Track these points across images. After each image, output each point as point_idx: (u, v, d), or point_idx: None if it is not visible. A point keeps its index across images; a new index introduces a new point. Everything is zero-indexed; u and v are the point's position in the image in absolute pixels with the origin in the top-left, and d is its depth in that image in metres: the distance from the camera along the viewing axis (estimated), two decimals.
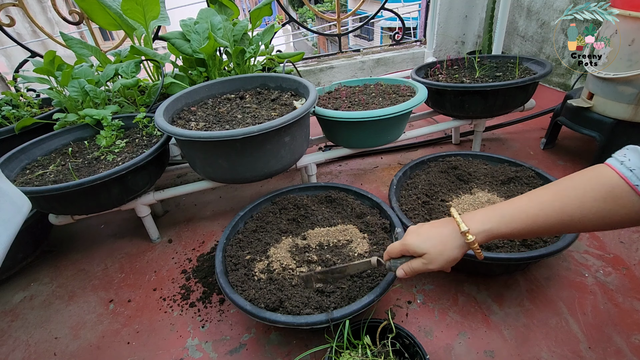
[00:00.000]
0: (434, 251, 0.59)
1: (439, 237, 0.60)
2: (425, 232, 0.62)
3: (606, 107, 1.15)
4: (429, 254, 0.59)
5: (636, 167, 0.48)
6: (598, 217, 0.50)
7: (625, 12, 1.00)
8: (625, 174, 0.49)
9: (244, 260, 0.87)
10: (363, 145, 1.26)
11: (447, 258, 0.59)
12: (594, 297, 0.83)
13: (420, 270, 0.61)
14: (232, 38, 1.32)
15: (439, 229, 0.61)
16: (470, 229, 0.57)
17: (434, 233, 0.61)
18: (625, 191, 0.48)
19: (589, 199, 0.51)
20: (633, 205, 0.48)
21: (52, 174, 1.00)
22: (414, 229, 0.64)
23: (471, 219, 0.58)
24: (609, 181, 0.50)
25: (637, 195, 0.48)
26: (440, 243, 0.59)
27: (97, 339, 0.88)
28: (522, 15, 2.06)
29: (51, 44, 1.68)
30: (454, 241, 0.59)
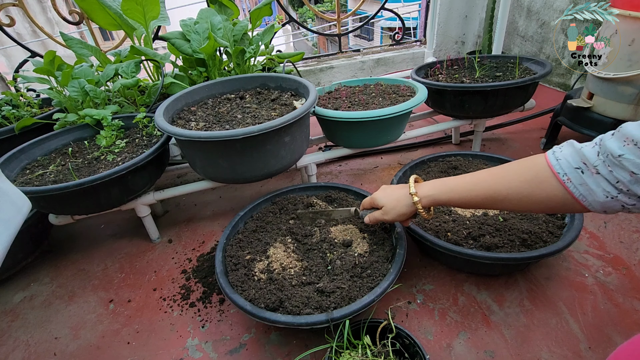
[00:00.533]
0: (389, 205, 0.76)
1: (395, 195, 0.76)
2: (389, 190, 0.78)
3: (606, 107, 1.15)
4: (386, 206, 0.76)
5: (563, 157, 0.54)
6: (522, 196, 0.58)
7: (625, 12, 1.00)
8: (552, 161, 0.55)
9: (244, 260, 0.87)
10: (363, 145, 1.26)
11: (398, 212, 0.74)
12: (594, 297, 0.83)
13: (378, 218, 0.78)
14: (232, 38, 1.32)
15: (397, 190, 0.76)
16: (418, 192, 0.72)
17: (393, 192, 0.77)
18: (548, 176, 0.55)
19: (516, 180, 0.59)
20: (552, 189, 0.55)
21: (52, 174, 1.00)
22: (383, 187, 0.80)
23: (422, 186, 0.72)
24: (537, 166, 0.57)
25: (557, 181, 0.54)
26: (395, 200, 0.75)
27: (97, 339, 0.88)
28: (522, 15, 2.06)
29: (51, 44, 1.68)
30: (405, 200, 0.73)
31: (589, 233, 1.01)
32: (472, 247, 0.84)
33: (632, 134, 0.47)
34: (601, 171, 0.50)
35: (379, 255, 0.84)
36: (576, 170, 0.52)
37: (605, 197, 0.50)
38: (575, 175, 0.52)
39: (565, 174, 0.53)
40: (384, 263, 0.82)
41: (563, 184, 0.53)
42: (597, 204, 0.52)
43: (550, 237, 0.84)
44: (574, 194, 0.53)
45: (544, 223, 0.89)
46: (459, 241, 0.86)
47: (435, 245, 0.82)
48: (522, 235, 0.84)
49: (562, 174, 0.53)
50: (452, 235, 0.87)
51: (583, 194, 0.52)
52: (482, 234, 0.87)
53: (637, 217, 1.04)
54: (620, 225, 1.03)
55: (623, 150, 0.47)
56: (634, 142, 0.46)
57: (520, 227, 0.87)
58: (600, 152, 0.51)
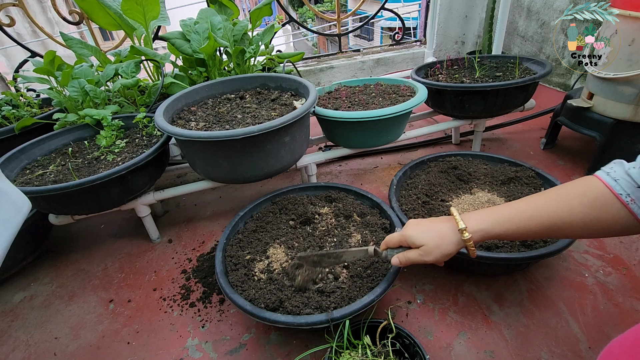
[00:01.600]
0: (431, 244, 0.62)
1: (437, 231, 0.63)
2: (424, 225, 0.65)
3: (606, 107, 1.15)
4: (427, 245, 0.63)
5: (620, 177, 0.52)
6: (585, 223, 0.54)
7: (625, 12, 1.00)
8: (610, 183, 0.52)
9: (244, 260, 0.87)
10: (363, 145, 1.26)
11: (443, 252, 0.62)
12: (594, 297, 0.83)
13: (415, 260, 0.64)
14: (232, 38, 1.32)
15: (438, 224, 0.64)
16: (468, 227, 0.60)
17: (433, 227, 0.64)
18: (610, 199, 0.52)
19: (577, 205, 0.54)
20: (617, 212, 0.51)
21: (52, 174, 1.00)
22: (414, 222, 0.67)
23: (469, 218, 0.61)
24: (595, 190, 0.53)
25: (620, 203, 0.51)
26: (438, 237, 0.62)
27: (97, 339, 0.88)
28: (522, 15, 2.06)
29: (51, 44, 1.68)
30: (451, 237, 0.62)
31: None
32: None
33: None
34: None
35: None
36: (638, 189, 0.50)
37: None
38: (638, 195, 0.50)
39: (629, 194, 0.51)
40: (384, 263, 0.82)
41: (626, 206, 0.51)
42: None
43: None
44: (637, 215, 0.50)
45: None
46: None
47: None
48: None
49: (625, 195, 0.51)
50: None
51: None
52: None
53: None
54: None
55: None
56: None
57: None
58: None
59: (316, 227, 0.96)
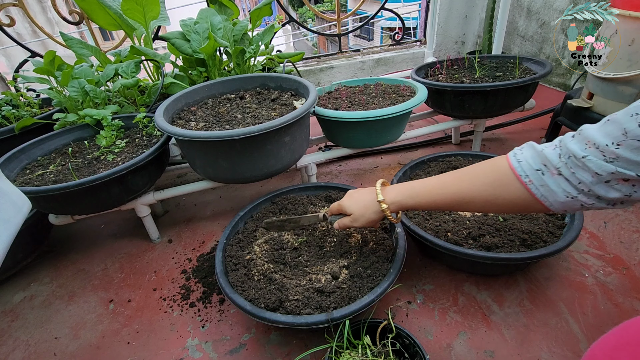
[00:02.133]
0: (358, 212, 0.74)
1: (363, 202, 0.75)
2: (355, 196, 0.77)
3: (606, 107, 1.15)
4: (355, 214, 0.75)
5: (524, 159, 0.56)
6: (488, 199, 0.60)
7: (625, 12, 1.00)
8: (514, 164, 0.57)
9: (244, 260, 0.87)
10: (363, 145, 1.26)
11: (367, 219, 0.74)
12: (594, 297, 0.83)
13: (348, 225, 0.77)
14: (232, 38, 1.32)
15: (364, 196, 0.75)
16: (386, 199, 0.71)
17: (361, 198, 0.75)
18: (511, 179, 0.56)
19: (481, 183, 0.60)
20: (515, 191, 0.56)
21: (52, 174, 1.00)
22: (351, 192, 0.79)
23: (389, 192, 0.72)
24: (500, 169, 0.59)
25: (519, 183, 0.55)
26: (363, 207, 0.74)
27: (97, 339, 0.88)
28: (522, 15, 2.06)
29: (51, 44, 1.68)
30: (373, 207, 0.73)
31: (589, 233, 1.01)
32: (472, 247, 0.84)
33: (593, 137, 0.48)
34: (563, 172, 0.51)
35: (379, 255, 0.84)
36: (537, 172, 0.54)
37: (566, 197, 0.52)
38: (536, 177, 0.54)
39: (527, 175, 0.54)
40: (384, 263, 0.82)
41: (525, 186, 0.55)
42: (557, 204, 0.53)
43: (550, 237, 0.84)
44: (535, 194, 0.54)
45: (544, 223, 0.89)
46: (459, 241, 0.86)
47: (435, 245, 0.82)
48: (522, 235, 0.84)
49: (524, 175, 0.55)
50: (452, 235, 0.87)
51: (544, 195, 0.53)
52: (482, 234, 0.87)
53: (637, 217, 1.04)
54: (620, 225, 1.03)
55: (585, 152, 0.48)
56: (595, 145, 0.47)
57: (520, 227, 0.87)
58: (561, 154, 0.52)
59: (316, 227, 0.96)
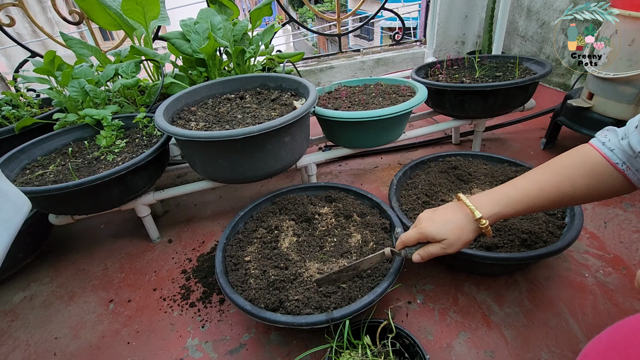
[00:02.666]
0: (452, 237, 0.64)
1: (454, 223, 0.65)
2: (440, 218, 0.66)
3: (606, 107, 1.15)
4: (448, 239, 0.64)
5: (615, 147, 0.56)
6: (587, 192, 0.59)
7: (625, 12, 1.00)
8: (606, 153, 0.57)
9: (244, 261, 0.87)
10: (363, 145, 1.26)
11: (464, 242, 0.65)
12: (594, 297, 0.83)
13: (438, 254, 0.66)
14: (232, 38, 1.32)
15: (453, 216, 0.65)
16: (483, 215, 0.63)
17: (450, 220, 0.65)
18: (607, 168, 0.57)
19: (579, 177, 0.59)
20: (614, 179, 0.57)
21: (52, 174, 1.00)
22: (427, 216, 0.68)
23: (481, 205, 0.64)
24: (592, 160, 0.58)
25: (617, 172, 0.56)
26: (457, 228, 0.64)
27: (97, 339, 0.88)
28: (522, 15, 2.06)
29: (51, 44, 1.68)
30: (470, 226, 0.64)
31: (589, 233, 1.01)
32: (472, 247, 0.84)
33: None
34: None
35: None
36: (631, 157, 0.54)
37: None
38: (633, 162, 0.54)
39: (624, 162, 0.55)
40: (384, 263, 0.82)
41: (623, 173, 0.55)
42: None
43: (550, 237, 0.84)
44: (632, 179, 0.55)
45: (544, 223, 0.89)
46: None
47: None
48: (522, 235, 0.84)
49: (621, 163, 0.55)
50: None
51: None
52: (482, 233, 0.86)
53: (637, 217, 1.04)
54: (620, 225, 1.03)
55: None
56: None
57: (520, 227, 0.87)
58: None
59: (316, 227, 0.96)
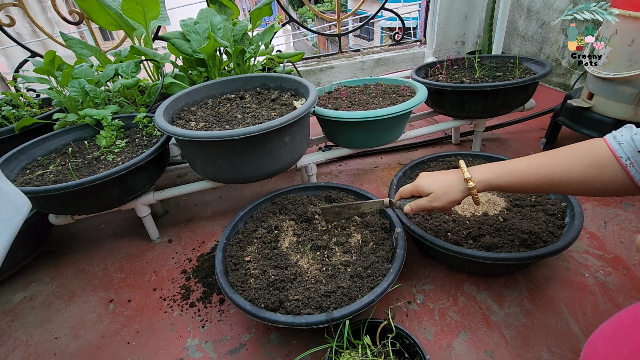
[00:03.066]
0: (439, 191, 0.69)
1: (445, 180, 0.70)
2: (435, 176, 0.72)
3: (606, 107, 1.15)
4: (435, 193, 0.70)
5: (625, 141, 0.54)
6: (583, 181, 0.57)
7: (625, 12, 1.00)
8: (614, 146, 0.55)
9: (244, 261, 0.87)
10: (363, 145, 1.26)
11: (449, 198, 0.69)
12: (594, 297, 0.83)
13: (425, 206, 0.72)
14: (232, 38, 1.32)
15: (446, 175, 0.71)
16: (473, 177, 0.66)
17: (442, 177, 0.71)
18: (610, 160, 0.54)
19: (578, 164, 0.57)
20: (615, 173, 0.54)
21: (52, 174, 1.00)
22: (425, 174, 0.74)
23: (475, 170, 0.67)
24: (598, 151, 0.56)
25: (620, 166, 0.54)
26: (446, 185, 0.69)
27: (97, 339, 0.88)
28: (522, 15, 2.06)
29: (51, 44, 1.68)
30: (458, 185, 0.68)
31: (589, 233, 1.01)
32: (472, 247, 0.84)
33: None
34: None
35: (379, 255, 0.84)
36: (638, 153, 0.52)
37: None
38: (638, 159, 0.52)
39: (628, 157, 0.53)
40: (384, 263, 0.82)
41: (625, 168, 0.53)
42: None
43: (550, 237, 0.84)
44: (634, 177, 0.53)
45: (544, 223, 0.89)
46: (459, 241, 0.86)
47: (435, 245, 0.82)
48: (522, 235, 0.84)
49: (625, 157, 0.53)
50: (452, 235, 0.87)
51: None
52: (482, 234, 0.87)
53: (637, 217, 1.04)
54: (620, 225, 1.03)
55: None
56: None
57: (520, 227, 0.87)
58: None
59: (316, 227, 0.96)
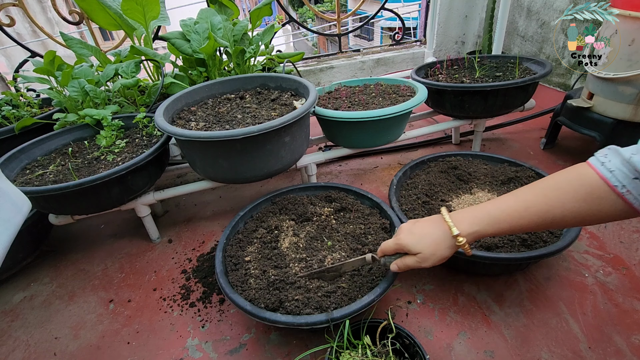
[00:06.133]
0: (427, 251, 0.63)
1: (431, 237, 0.64)
2: (418, 231, 0.65)
3: (606, 107, 1.15)
4: (423, 253, 0.64)
5: (616, 168, 0.50)
6: (578, 216, 0.54)
7: (625, 12, 1.00)
8: (606, 175, 0.51)
9: (244, 261, 0.87)
10: (363, 145, 1.26)
11: (439, 257, 0.63)
12: (594, 297, 0.83)
13: (413, 267, 0.66)
14: (232, 38, 1.32)
15: (431, 230, 0.64)
16: (461, 232, 0.61)
17: (427, 234, 0.64)
18: (606, 192, 0.51)
19: (570, 200, 0.54)
20: (613, 204, 0.51)
21: (52, 174, 1.00)
22: (407, 227, 0.67)
23: (461, 221, 0.62)
24: (589, 182, 0.52)
25: (616, 195, 0.50)
26: (433, 243, 0.63)
27: (97, 339, 0.88)
28: (522, 15, 2.06)
29: (51, 44, 1.68)
30: (446, 242, 0.62)
31: (589, 233, 1.01)
32: (472, 247, 0.84)
33: None
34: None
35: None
36: (635, 180, 0.49)
37: None
38: (634, 186, 0.49)
39: (624, 185, 0.50)
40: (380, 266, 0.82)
41: (622, 197, 0.50)
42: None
43: (550, 237, 0.84)
44: (633, 204, 0.50)
45: None
46: None
47: None
48: (522, 235, 0.84)
49: (620, 186, 0.50)
50: None
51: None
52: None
53: (637, 218, 1.04)
54: (620, 225, 1.03)
55: None
56: None
57: None
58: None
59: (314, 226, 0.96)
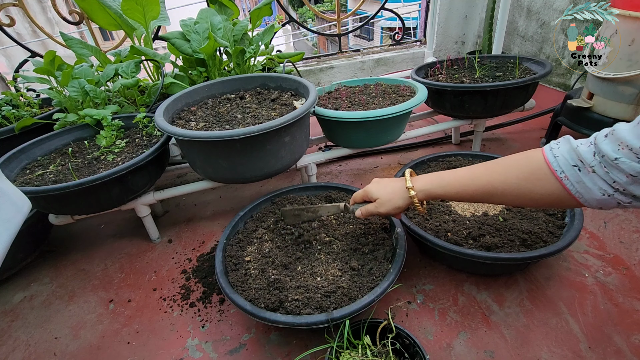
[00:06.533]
0: (384, 197, 0.75)
1: (390, 188, 0.76)
2: (383, 183, 0.78)
3: (606, 107, 1.15)
4: (381, 199, 0.75)
5: (561, 154, 0.54)
6: (519, 194, 0.59)
7: (625, 12, 1.00)
8: (550, 159, 0.55)
9: (244, 261, 0.87)
10: (363, 145, 1.26)
11: (393, 205, 0.74)
12: (594, 297, 0.83)
13: (372, 211, 0.77)
14: (232, 38, 1.32)
15: (392, 183, 0.77)
16: (414, 186, 0.72)
17: (388, 185, 0.76)
18: (546, 174, 0.55)
19: (513, 177, 0.59)
20: (550, 186, 0.55)
21: (52, 174, 1.00)
22: (377, 180, 0.80)
23: (417, 180, 0.73)
24: (534, 163, 0.57)
25: (554, 178, 0.54)
26: (391, 192, 0.75)
27: (97, 339, 0.88)
28: (522, 15, 2.06)
29: (51, 44, 1.68)
30: (401, 193, 0.74)
31: (589, 233, 1.01)
32: (472, 247, 0.84)
33: (625, 139, 0.46)
34: (597, 171, 0.50)
35: (378, 255, 0.84)
36: (573, 167, 0.53)
37: (602, 195, 0.51)
38: (572, 173, 0.53)
39: (563, 171, 0.53)
40: (384, 263, 0.82)
41: (560, 181, 0.54)
42: (593, 201, 0.53)
43: (550, 237, 0.84)
44: (570, 190, 0.53)
45: (544, 223, 0.89)
46: (459, 241, 0.86)
47: (435, 245, 0.82)
48: (522, 235, 0.84)
49: (560, 171, 0.54)
50: (452, 235, 0.87)
51: (579, 191, 0.53)
52: (482, 234, 0.87)
53: (637, 217, 1.04)
54: (620, 225, 1.03)
55: (618, 154, 0.47)
56: (628, 147, 0.46)
57: (520, 227, 0.87)
58: (595, 152, 0.51)
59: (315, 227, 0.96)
